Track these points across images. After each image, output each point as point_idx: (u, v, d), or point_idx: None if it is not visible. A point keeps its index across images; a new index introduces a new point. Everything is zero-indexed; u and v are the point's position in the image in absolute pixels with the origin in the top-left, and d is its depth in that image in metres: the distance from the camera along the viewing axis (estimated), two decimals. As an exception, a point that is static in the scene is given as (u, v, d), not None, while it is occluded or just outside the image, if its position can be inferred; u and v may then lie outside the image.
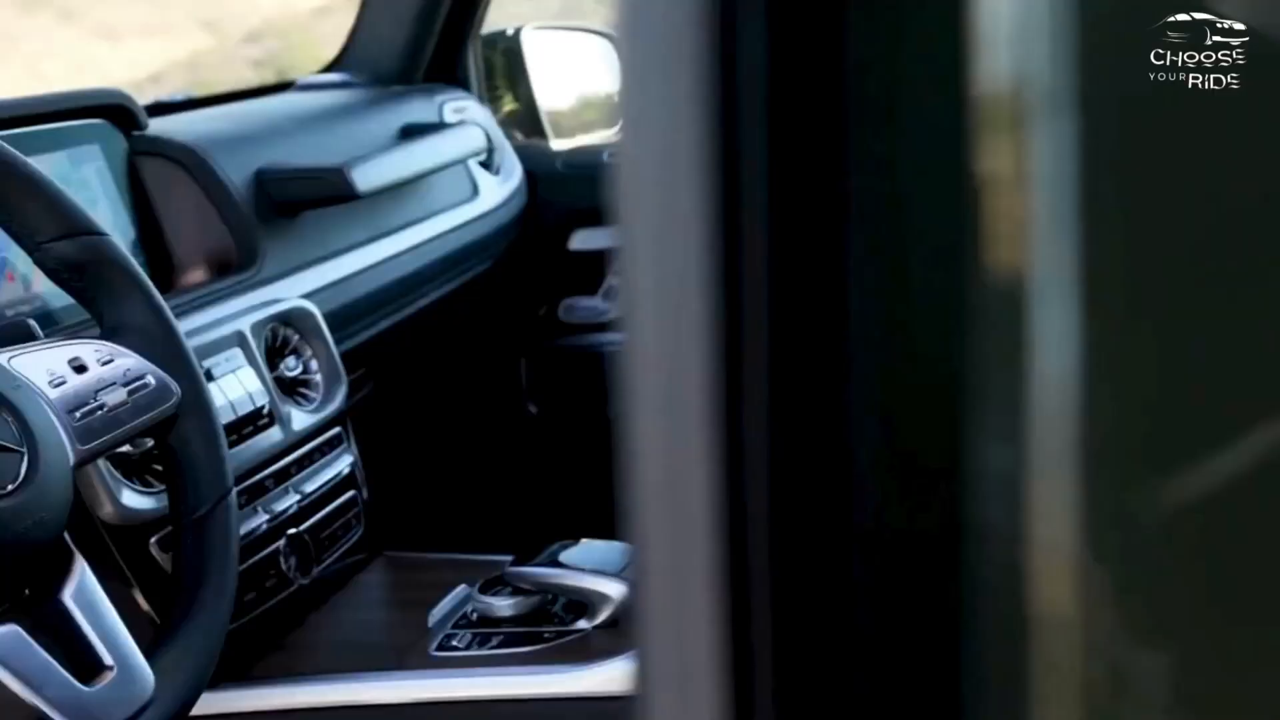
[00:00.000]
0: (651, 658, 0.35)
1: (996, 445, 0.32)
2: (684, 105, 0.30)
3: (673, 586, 0.34)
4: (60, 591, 0.82)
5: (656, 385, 0.33)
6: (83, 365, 0.91)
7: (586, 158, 2.03)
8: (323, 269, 1.45)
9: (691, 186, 0.31)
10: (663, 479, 0.33)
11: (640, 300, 0.33)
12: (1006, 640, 0.33)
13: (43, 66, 7.79)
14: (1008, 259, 0.31)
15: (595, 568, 1.18)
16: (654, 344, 0.33)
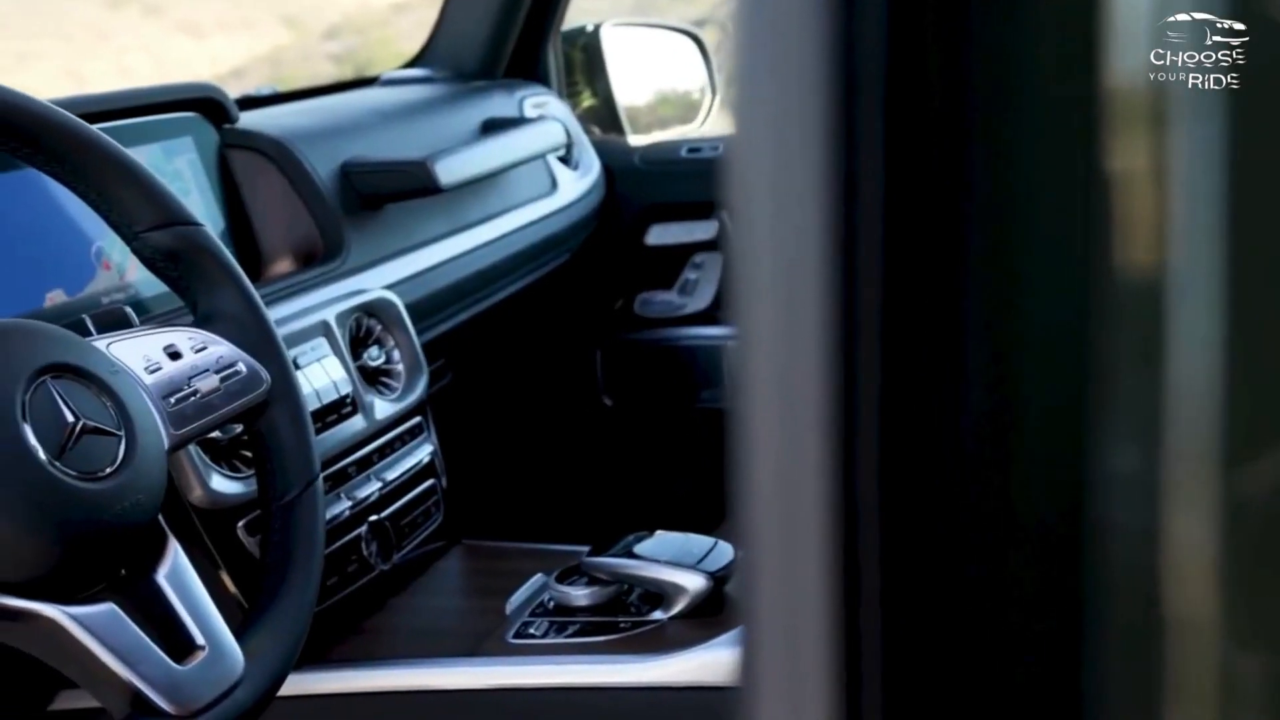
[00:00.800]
0: (760, 653, 0.35)
1: (1125, 443, 0.32)
2: (801, 96, 0.31)
3: (783, 582, 0.34)
4: (154, 572, 0.84)
5: (770, 380, 0.34)
6: (177, 352, 0.93)
7: (663, 153, 2.04)
8: (405, 261, 1.47)
9: (807, 179, 0.31)
10: (775, 475, 0.34)
11: (754, 295, 0.34)
12: (1133, 641, 0.33)
13: (128, 61, 7.94)
14: (1137, 255, 0.31)
15: (671, 559, 1.19)
16: (768, 339, 0.33)
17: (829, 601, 0.33)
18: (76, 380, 0.81)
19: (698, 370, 2.00)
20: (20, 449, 0.76)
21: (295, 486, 0.97)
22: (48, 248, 1.15)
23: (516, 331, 1.95)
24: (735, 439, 0.35)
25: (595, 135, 2.07)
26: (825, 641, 0.33)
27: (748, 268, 0.34)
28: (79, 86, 5.33)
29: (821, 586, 0.33)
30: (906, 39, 0.31)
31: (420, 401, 1.38)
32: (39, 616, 0.76)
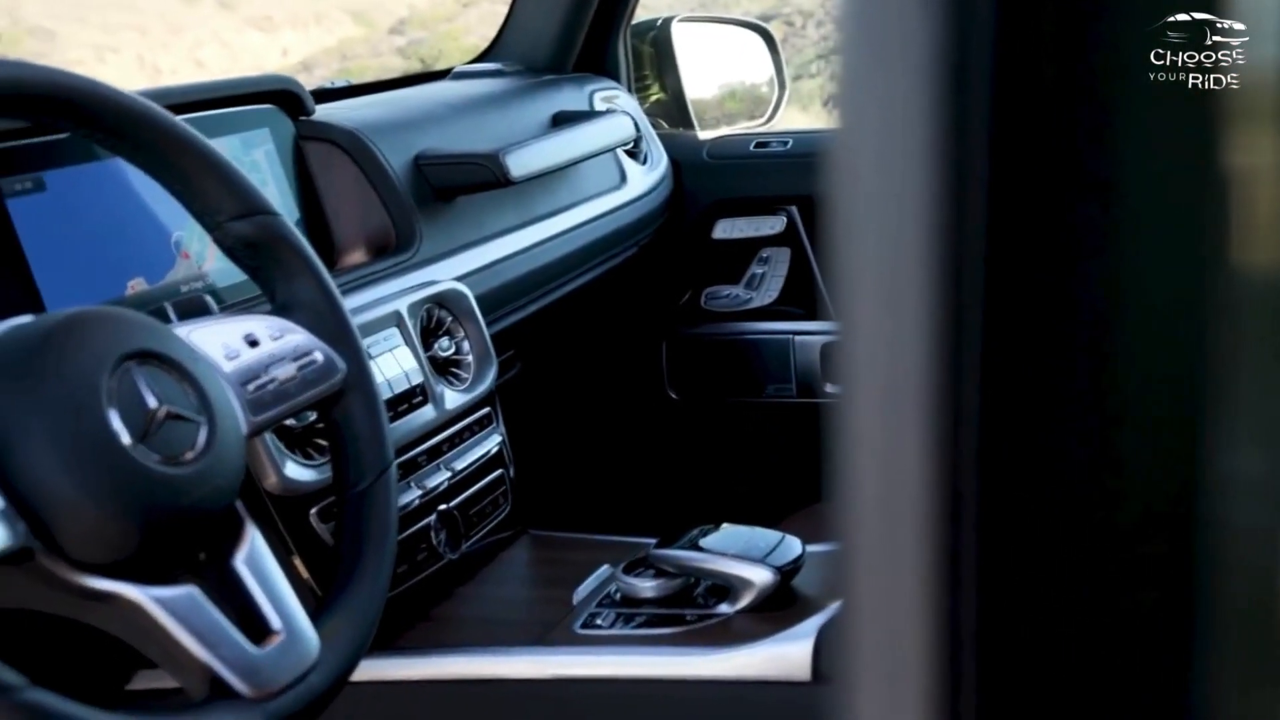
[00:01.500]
0: (858, 645, 0.35)
1: (1244, 444, 0.32)
2: (909, 89, 0.31)
3: (882, 576, 0.34)
4: (232, 557, 0.85)
5: (872, 374, 0.34)
6: (255, 340, 0.94)
7: (731, 148, 2.04)
8: (476, 252, 1.49)
9: (914, 171, 0.31)
10: (876, 469, 0.34)
11: (857, 289, 0.34)
12: (1246, 645, 0.33)
13: (201, 54, 8.04)
14: (1258, 251, 0.31)
15: (738, 553, 1.19)
16: (871, 332, 0.33)
17: (929, 596, 0.33)
18: (159, 366, 0.83)
19: (763, 364, 2.00)
20: (106, 433, 0.77)
21: (369, 475, 0.98)
22: (129, 237, 1.17)
23: (583, 324, 1.96)
24: (835, 433, 0.36)
25: (663, 129, 2.08)
26: (924, 636, 0.33)
27: (851, 261, 0.34)
28: (154, 79, 5.43)
29: (922, 581, 0.33)
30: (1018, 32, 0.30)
31: (489, 392, 1.39)
32: (121, 598, 0.77)
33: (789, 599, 1.19)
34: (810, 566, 1.22)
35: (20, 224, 1.07)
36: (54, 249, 1.10)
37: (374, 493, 0.97)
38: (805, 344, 1.96)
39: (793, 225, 1.98)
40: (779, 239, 2.00)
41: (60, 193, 1.11)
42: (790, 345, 1.97)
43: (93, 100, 0.87)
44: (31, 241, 1.08)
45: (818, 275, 1.98)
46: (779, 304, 2.00)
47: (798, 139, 1.99)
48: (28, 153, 1.10)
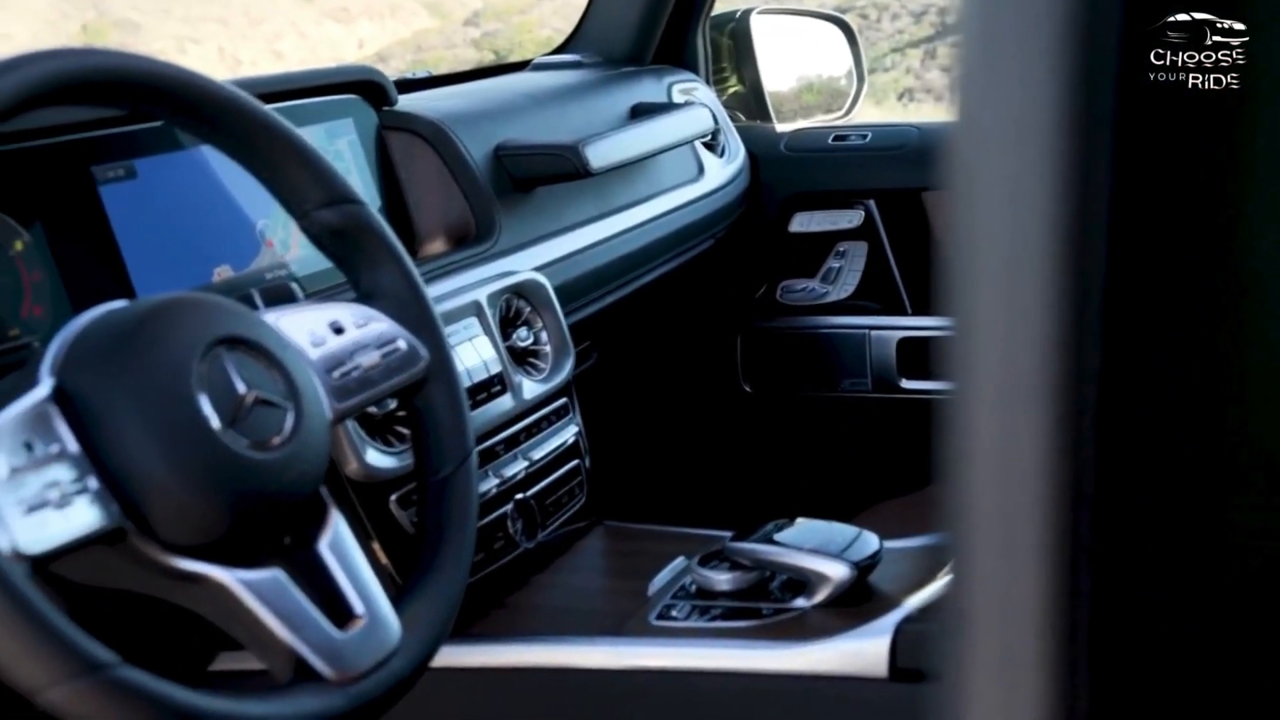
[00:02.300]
0: (971, 646, 0.35)
1: None
2: (1035, 84, 0.31)
3: (999, 575, 0.34)
4: (317, 541, 0.86)
5: (990, 370, 0.33)
6: (341, 327, 0.95)
7: (809, 140, 2.03)
8: (554, 243, 1.49)
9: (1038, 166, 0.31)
10: (993, 465, 0.33)
11: (975, 283, 0.33)
12: None
13: (280, 45, 8.14)
14: None
15: (814, 548, 1.18)
16: (989, 328, 0.33)
17: (1046, 594, 0.32)
18: (248, 352, 0.84)
19: (838, 359, 1.99)
20: (196, 418, 0.78)
21: (450, 462, 0.98)
22: (216, 225, 1.19)
23: (659, 316, 1.96)
24: (949, 428, 0.35)
25: (740, 122, 2.07)
26: (1041, 634, 0.33)
27: (969, 256, 0.33)
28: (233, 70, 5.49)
29: (1039, 578, 0.32)
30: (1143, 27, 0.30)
31: (566, 383, 1.40)
32: (209, 579, 0.78)
33: (865, 594, 1.18)
34: (887, 562, 1.21)
35: (112, 211, 1.09)
36: (144, 236, 1.11)
37: (455, 480, 0.98)
38: (881, 338, 1.95)
39: (870, 219, 1.97)
40: (856, 233, 1.99)
41: (150, 180, 1.13)
42: (866, 340, 1.96)
43: (188, 89, 0.88)
44: (123, 228, 1.10)
45: (895, 270, 1.97)
46: (855, 298, 1.99)
47: (877, 132, 1.98)
48: (120, 141, 1.12)
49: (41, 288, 1.02)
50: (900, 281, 1.96)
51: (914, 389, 1.94)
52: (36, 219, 1.03)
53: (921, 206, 1.93)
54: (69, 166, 1.07)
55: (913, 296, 1.96)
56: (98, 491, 0.74)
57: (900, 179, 1.93)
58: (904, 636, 1.10)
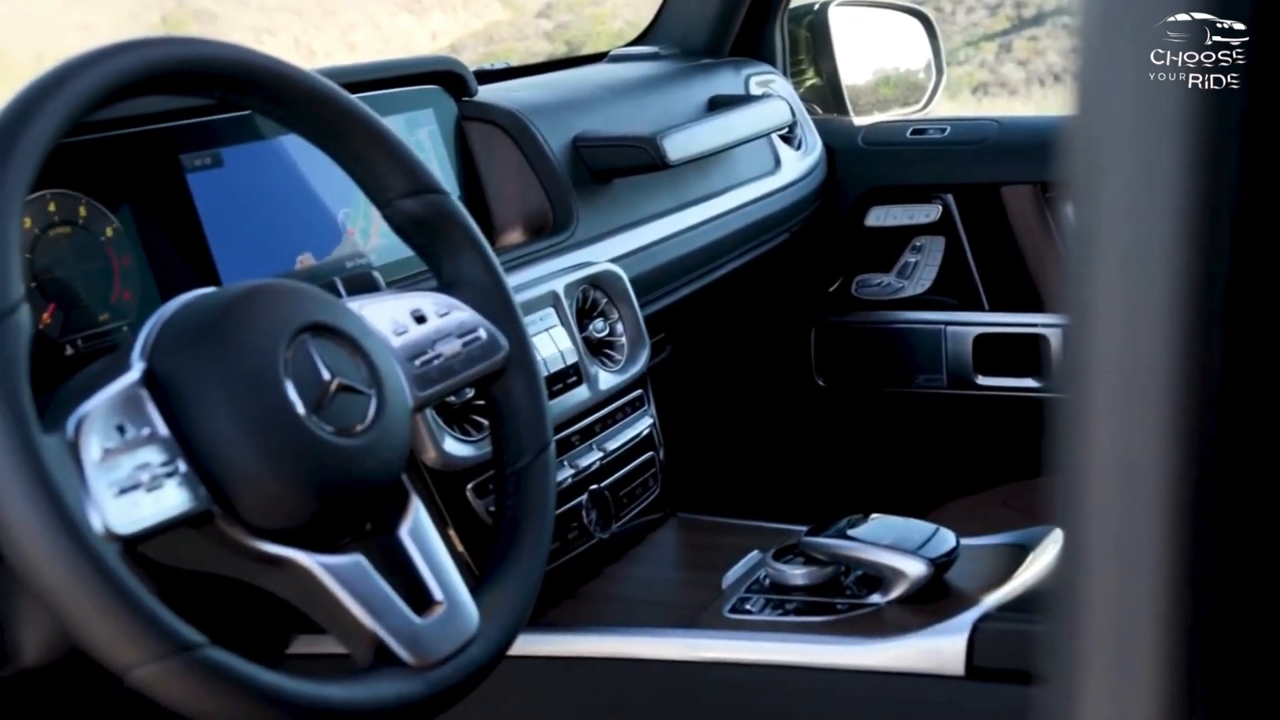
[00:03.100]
0: (1085, 644, 0.34)
1: None
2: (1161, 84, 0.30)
3: (1114, 574, 0.33)
4: (397, 528, 0.87)
5: (1111, 367, 0.32)
6: (422, 316, 0.96)
7: (887, 134, 2.01)
8: (631, 235, 1.49)
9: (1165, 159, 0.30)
10: (1112, 463, 0.33)
11: (1097, 278, 0.33)
12: None
13: (354, 37, 8.22)
14: None
15: (891, 544, 1.17)
16: (1111, 324, 0.32)
17: (1164, 595, 0.32)
18: (332, 339, 0.85)
19: (913, 354, 1.97)
20: (282, 403, 0.79)
21: (529, 452, 0.98)
22: (299, 214, 1.20)
23: (734, 309, 1.96)
24: (1063, 425, 0.34)
25: (817, 115, 2.06)
26: (1158, 636, 0.32)
27: (1091, 250, 0.33)
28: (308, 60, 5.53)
29: (1157, 578, 0.32)
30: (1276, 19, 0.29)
31: (642, 374, 1.40)
32: (294, 563, 0.79)
33: (942, 591, 1.17)
34: (963, 559, 1.20)
35: (199, 199, 1.10)
36: (229, 223, 1.13)
37: (533, 470, 0.98)
38: (958, 334, 1.93)
39: (948, 214, 1.95)
40: (933, 227, 1.97)
41: (236, 169, 1.15)
42: (942, 335, 1.94)
43: (276, 78, 0.89)
44: (209, 216, 1.11)
45: (972, 265, 1.95)
46: (931, 293, 1.97)
47: (956, 126, 1.96)
48: (207, 129, 1.13)
49: (131, 273, 1.04)
50: (978, 277, 1.95)
51: (990, 386, 1.92)
52: (126, 206, 1.05)
53: (1000, 201, 1.91)
54: (158, 155, 1.09)
55: (990, 292, 1.94)
56: (186, 474, 0.75)
57: (979, 173, 1.91)
58: (981, 634, 1.09)
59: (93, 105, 0.78)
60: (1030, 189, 1.88)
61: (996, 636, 1.09)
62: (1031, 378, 1.89)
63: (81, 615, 0.68)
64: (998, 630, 1.09)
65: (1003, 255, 1.93)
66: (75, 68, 0.77)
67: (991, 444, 1.94)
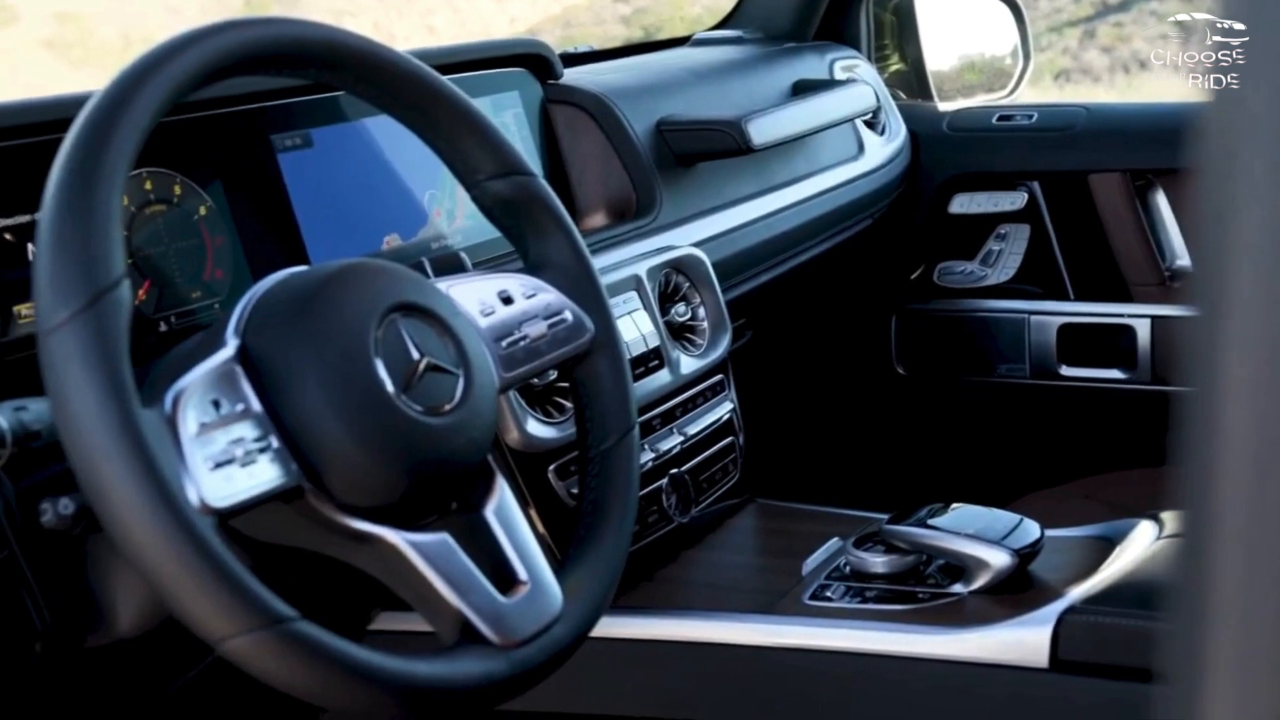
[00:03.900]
0: (1211, 643, 0.33)
1: None
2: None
3: (1242, 572, 0.32)
4: (483, 507, 0.87)
5: (1244, 365, 0.32)
6: (509, 297, 0.96)
7: (972, 120, 1.99)
8: (714, 219, 1.49)
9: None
10: (1248, 458, 0.32)
11: (1234, 268, 0.32)
12: None
13: (433, 20, 8.27)
14: None
15: (974, 533, 1.16)
16: (1248, 316, 0.31)
17: None
18: (422, 319, 0.85)
19: (996, 343, 1.95)
20: (373, 382, 0.80)
21: (613, 434, 0.98)
22: (386, 194, 1.21)
23: (815, 295, 1.95)
24: (1189, 419, 0.34)
25: (902, 100, 2.04)
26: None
27: (1225, 238, 0.32)
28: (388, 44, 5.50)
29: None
30: None
31: (723, 359, 1.39)
32: (382, 540, 0.80)
33: (1025, 583, 1.16)
34: (1047, 551, 1.18)
35: (290, 179, 1.12)
36: (318, 203, 1.14)
37: (617, 452, 0.98)
38: (1041, 324, 1.91)
39: (1034, 201, 1.93)
40: (1019, 215, 1.94)
41: (325, 149, 1.16)
42: (1026, 325, 1.91)
43: (369, 59, 0.89)
44: (299, 195, 1.12)
45: (1058, 254, 1.92)
46: (1015, 282, 1.95)
47: (1043, 113, 1.93)
48: (297, 110, 1.14)
49: (223, 252, 1.05)
50: (1063, 265, 1.92)
51: (1075, 376, 1.89)
52: (219, 185, 1.06)
53: (1087, 189, 1.88)
54: (250, 135, 1.10)
55: (1075, 281, 1.91)
56: (279, 450, 0.76)
57: (1066, 161, 1.88)
58: (1067, 627, 1.07)
59: (193, 85, 0.79)
60: (1119, 177, 1.85)
61: (1082, 629, 1.07)
62: (1117, 369, 1.86)
63: (177, 586, 0.69)
64: (1083, 623, 1.08)
65: (1089, 244, 1.90)
66: (175, 48, 0.78)
67: (1074, 436, 1.92)
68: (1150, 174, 1.84)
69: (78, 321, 0.69)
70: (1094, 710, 1.07)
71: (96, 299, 0.69)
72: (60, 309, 0.69)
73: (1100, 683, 1.07)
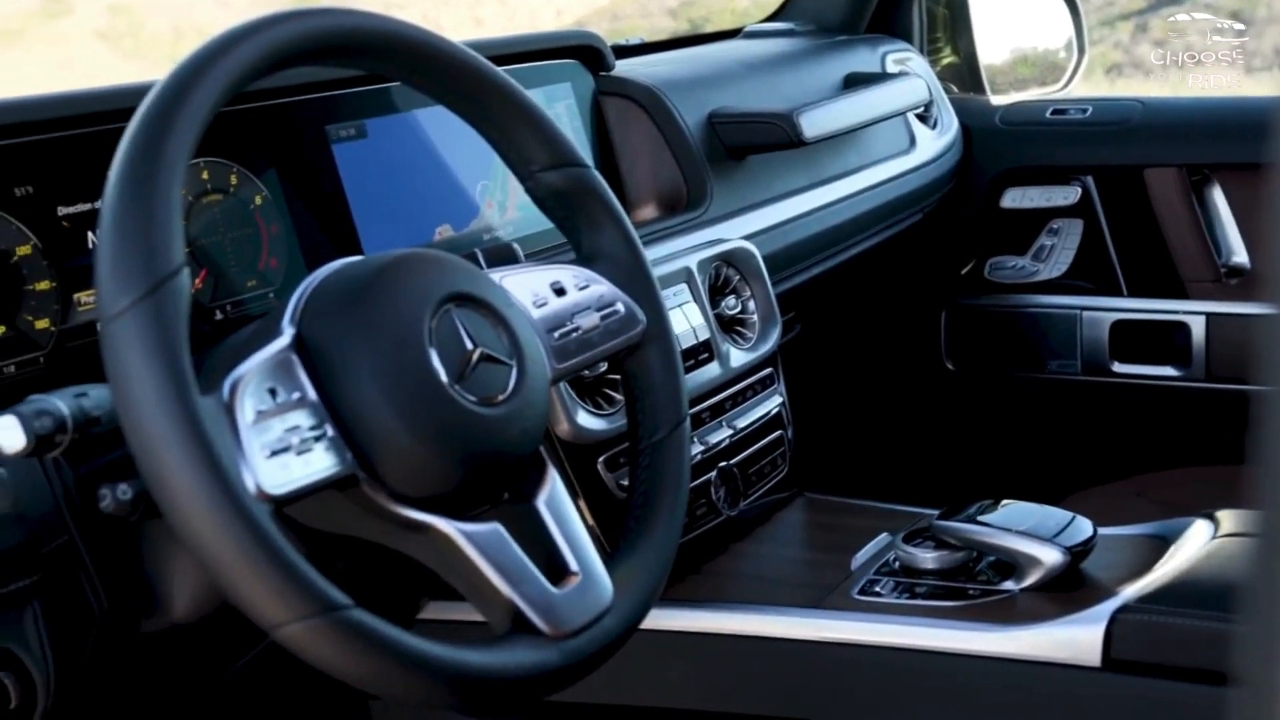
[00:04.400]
0: None
1: None
2: None
3: None
4: (535, 498, 0.87)
5: None
6: (562, 289, 0.96)
7: (1026, 114, 1.97)
8: (765, 212, 1.48)
9: None
10: None
11: None
12: None
13: (480, 12, 8.29)
14: None
15: (1026, 530, 1.15)
16: None
17: None
18: (476, 310, 0.85)
19: (1047, 339, 1.93)
20: (427, 372, 0.80)
21: (664, 427, 0.98)
22: (439, 185, 1.21)
23: (864, 288, 1.94)
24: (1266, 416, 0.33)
25: (953, 93, 2.02)
26: None
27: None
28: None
29: None
30: None
31: (772, 352, 1.39)
32: (434, 529, 0.80)
33: (1077, 581, 1.15)
34: (1101, 549, 1.17)
35: (344, 169, 1.12)
36: (371, 194, 1.14)
37: (668, 445, 0.98)
38: (1094, 320, 1.89)
39: (1088, 196, 1.91)
40: (1072, 210, 1.93)
41: (380, 140, 1.16)
42: (1077, 321, 1.90)
43: (426, 49, 0.89)
44: (353, 186, 1.13)
45: (1111, 249, 1.90)
46: (1067, 277, 1.93)
47: (1098, 106, 1.91)
48: (352, 101, 1.15)
49: (278, 241, 1.06)
50: (1117, 261, 1.90)
51: (1127, 374, 1.87)
52: (274, 175, 1.07)
53: (1143, 184, 1.86)
54: (305, 125, 1.11)
55: (1129, 277, 1.89)
56: (334, 439, 0.76)
57: (1121, 155, 1.86)
58: (1120, 625, 1.06)
59: (253, 75, 0.79)
60: (1175, 172, 1.83)
61: (1135, 628, 1.06)
62: (1171, 366, 1.84)
63: (235, 572, 0.69)
64: (1137, 622, 1.06)
65: (1144, 239, 1.88)
66: (236, 38, 0.78)
67: (1126, 433, 1.90)
68: (1207, 169, 1.81)
69: (138, 309, 0.69)
70: (1147, 710, 1.06)
71: (157, 287, 0.70)
72: (121, 297, 0.70)
73: (1154, 682, 1.06)
